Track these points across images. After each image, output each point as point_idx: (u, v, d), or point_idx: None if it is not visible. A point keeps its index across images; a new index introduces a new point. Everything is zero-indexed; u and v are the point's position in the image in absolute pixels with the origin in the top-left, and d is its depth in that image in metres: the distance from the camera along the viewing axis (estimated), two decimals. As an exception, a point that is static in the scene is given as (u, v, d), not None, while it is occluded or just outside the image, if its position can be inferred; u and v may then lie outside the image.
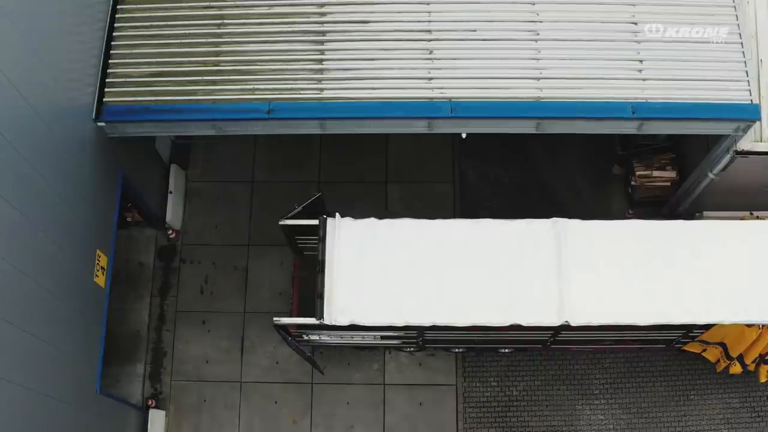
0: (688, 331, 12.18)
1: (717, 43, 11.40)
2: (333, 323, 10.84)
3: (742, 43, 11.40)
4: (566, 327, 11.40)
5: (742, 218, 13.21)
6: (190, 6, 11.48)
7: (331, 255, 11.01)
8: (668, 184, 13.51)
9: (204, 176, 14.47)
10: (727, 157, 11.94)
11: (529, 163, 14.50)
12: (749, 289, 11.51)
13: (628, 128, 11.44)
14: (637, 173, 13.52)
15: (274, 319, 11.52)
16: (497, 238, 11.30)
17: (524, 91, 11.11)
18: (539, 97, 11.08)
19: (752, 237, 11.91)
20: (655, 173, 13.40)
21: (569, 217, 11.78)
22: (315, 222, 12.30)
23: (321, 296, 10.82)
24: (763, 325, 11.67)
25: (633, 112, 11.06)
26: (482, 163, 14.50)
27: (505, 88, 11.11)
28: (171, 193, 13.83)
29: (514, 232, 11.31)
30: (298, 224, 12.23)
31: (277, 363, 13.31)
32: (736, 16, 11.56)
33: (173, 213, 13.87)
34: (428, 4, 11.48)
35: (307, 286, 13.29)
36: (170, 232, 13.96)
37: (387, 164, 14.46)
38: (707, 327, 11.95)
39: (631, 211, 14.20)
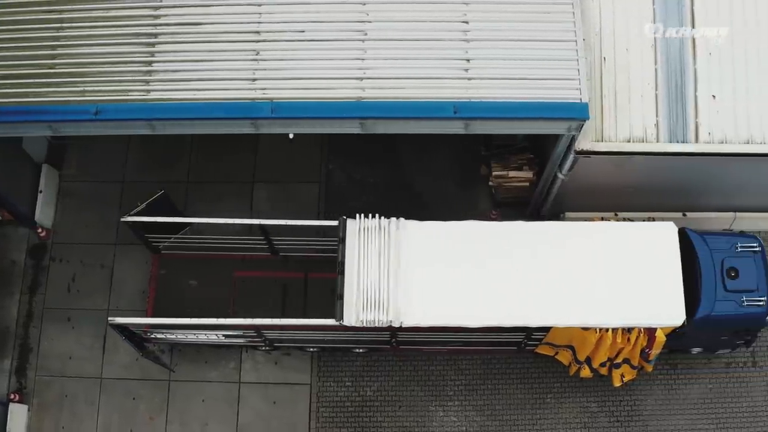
0: (529, 333, 12.02)
1: (550, 41, 11.25)
2: (355, 324, 10.95)
3: (576, 41, 11.22)
4: (402, 327, 11.38)
5: (602, 219, 13.01)
6: (33, 10, 11.69)
7: (352, 257, 11.08)
8: (526, 184, 13.29)
9: (78, 176, 14.69)
10: (571, 158, 11.76)
11: (397, 163, 14.40)
12: (583, 290, 11.35)
13: (455, 128, 11.29)
14: (494, 173, 13.33)
15: (109, 319, 11.78)
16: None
17: (347, 91, 11.05)
18: (361, 97, 11.02)
19: (595, 236, 11.75)
20: (512, 173, 13.20)
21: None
22: (160, 219, 12.59)
23: (341, 297, 10.94)
24: (601, 329, 11.48)
25: (455, 112, 10.92)
26: (349, 163, 14.46)
27: (328, 88, 11.08)
28: (41, 192, 14.12)
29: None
30: (144, 221, 12.51)
31: (137, 360, 13.45)
32: (573, 13, 11.38)
33: (43, 212, 14.14)
34: (260, 5, 11.51)
35: (164, 284, 13.54)
36: (41, 230, 14.22)
37: (255, 164, 14.52)
38: (546, 329, 11.79)
39: (494, 212, 14.01)
